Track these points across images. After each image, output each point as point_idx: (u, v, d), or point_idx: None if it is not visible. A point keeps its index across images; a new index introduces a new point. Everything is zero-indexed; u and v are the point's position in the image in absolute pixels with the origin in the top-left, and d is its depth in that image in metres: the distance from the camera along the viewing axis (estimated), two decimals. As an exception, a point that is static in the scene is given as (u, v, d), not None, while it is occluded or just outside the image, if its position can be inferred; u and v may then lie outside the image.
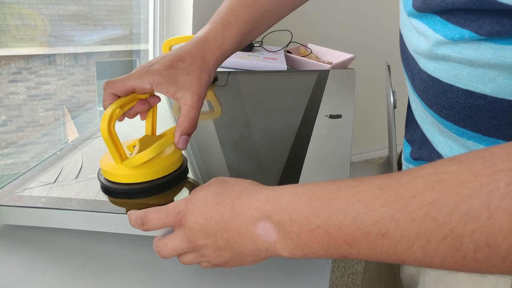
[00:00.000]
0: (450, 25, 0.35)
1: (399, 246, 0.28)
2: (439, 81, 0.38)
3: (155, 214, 0.38)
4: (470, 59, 0.34)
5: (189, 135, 0.46)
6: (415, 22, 0.39)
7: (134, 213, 0.40)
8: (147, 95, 0.49)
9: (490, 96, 0.35)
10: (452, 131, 0.40)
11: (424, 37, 0.38)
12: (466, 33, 0.33)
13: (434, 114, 0.41)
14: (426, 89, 0.40)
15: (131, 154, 0.47)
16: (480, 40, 0.33)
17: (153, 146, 0.44)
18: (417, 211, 0.26)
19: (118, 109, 0.43)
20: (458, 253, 0.26)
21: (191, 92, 0.45)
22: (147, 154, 0.44)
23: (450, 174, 0.26)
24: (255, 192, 0.35)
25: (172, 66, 0.45)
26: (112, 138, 0.43)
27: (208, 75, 0.47)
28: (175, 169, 0.48)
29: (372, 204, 0.28)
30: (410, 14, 0.40)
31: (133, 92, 0.46)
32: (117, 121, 0.44)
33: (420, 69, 0.40)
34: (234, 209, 0.34)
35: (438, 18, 0.36)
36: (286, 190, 0.33)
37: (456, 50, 0.35)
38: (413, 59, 0.41)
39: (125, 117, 0.49)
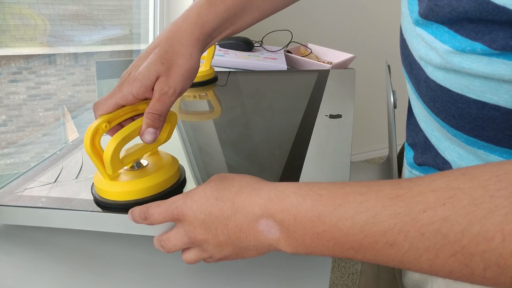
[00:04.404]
0: (459, 37, 0.33)
1: (407, 256, 0.28)
2: (449, 91, 0.36)
3: (156, 208, 0.38)
4: (482, 74, 0.33)
5: (156, 128, 0.42)
6: (420, 31, 0.37)
7: (137, 208, 0.39)
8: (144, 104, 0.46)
9: (504, 108, 0.33)
10: (462, 140, 0.39)
11: (432, 48, 0.36)
12: (478, 46, 0.32)
13: (441, 123, 0.40)
14: (434, 97, 0.39)
15: (126, 168, 0.46)
16: (492, 55, 0.31)
17: (114, 136, 0.41)
18: (427, 225, 0.26)
19: (105, 124, 0.41)
20: (466, 269, 0.26)
21: (160, 82, 0.42)
22: (108, 146, 0.41)
23: (463, 191, 0.26)
24: (257, 188, 0.34)
25: (147, 66, 0.42)
26: (97, 153, 0.41)
27: (186, 59, 0.43)
28: (167, 187, 0.45)
29: (381, 214, 0.28)
30: (415, 23, 0.38)
31: (122, 107, 0.43)
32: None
33: (427, 77, 0.38)
34: (234, 205, 0.34)
35: (445, 29, 0.34)
36: (290, 190, 0.33)
37: (466, 64, 0.33)
38: (419, 66, 0.39)
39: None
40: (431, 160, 0.45)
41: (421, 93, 0.41)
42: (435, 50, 0.35)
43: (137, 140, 0.46)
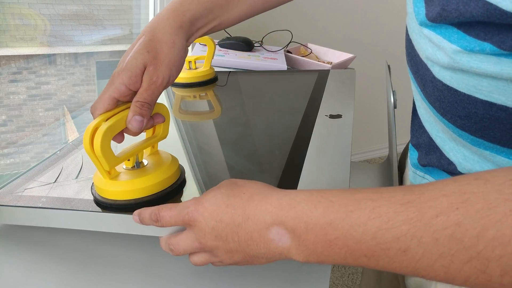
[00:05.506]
0: (468, 37, 0.33)
1: (420, 263, 0.27)
2: (456, 91, 0.36)
3: (167, 211, 0.38)
4: (490, 73, 0.32)
5: (143, 116, 0.42)
6: (428, 32, 0.37)
7: (147, 210, 0.39)
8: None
9: None
10: (467, 140, 0.39)
11: (439, 48, 0.36)
12: (487, 46, 0.31)
13: (447, 123, 0.40)
14: (440, 97, 0.39)
15: (125, 167, 0.46)
16: (501, 55, 0.31)
17: (100, 128, 0.41)
18: (441, 231, 0.26)
19: (103, 122, 0.41)
20: (483, 275, 0.26)
21: (148, 72, 0.43)
22: (96, 138, 0.40)
23: (477, 195, 0.26)
24: (267, 196, 0.34)
25: (133, 55, 0.43)
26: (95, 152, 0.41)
27: (169, 47, 0.45)
28: (167, 186, 0.45)
29: (394, 220, 0.28)
30: (422, 24, 0.38)
31: (117, 102, 0.43)
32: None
33: (434, 77, 0.38)
34: (245, 213, 0.34)
35: (454, 29, 0.34)
36: (301, 197, 0.32)
37: (474, 63, 0.33)
38: (426, 66, 0.39)
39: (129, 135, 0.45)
40: (436, 161, 0.45)
41: (427, 94, 0.41)
42: (442, 50, 0.35)
43: (136, 139, 0.46)
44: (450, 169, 0.43)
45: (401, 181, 0.61)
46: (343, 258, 0.30)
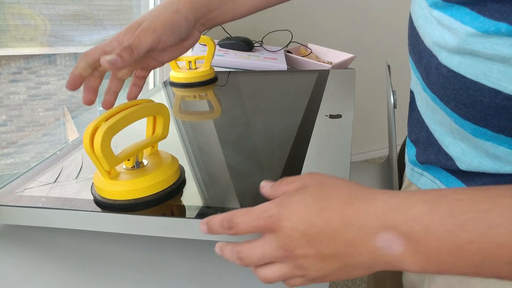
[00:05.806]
0: (482, 18, 0.31)
1: None
2: (462, 77, 0.35)
3: (242, 217, 0.33)
4: (503, 56, 0.31)
5: (119, 56, 0.42)
6: (438, 13, 0.35)
7: (217, 217, 0.35)
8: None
9: None
10: (469, 131, 0.38)
11: (450, 30, 0.34)
12: (503, 26, 0.30)
13: (450, 112, 0.39)
14: (445, 84, 0.37)
15: (125, 167, 0.46)
16: None
17: (100, 128, 0.41)
18: None
19: (103, 122, 0.41)
20: None
21: (142, 25, 0.45)
22: (96, 138, 0.40)
23: None
24: (370, 198, 0.30)
25: (136, 19, 0.47)
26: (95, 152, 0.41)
27: (171, 12, 0.47)
28: (167, 186, 0.45)
29: None
30: (432, 5, 0.36)
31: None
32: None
33: (439, 63, 0.37)
34: (344, 217, 0.30)
35: (467, 10, 0.32)
36: (416, 197, 0.29)
37: (488, 45, 0.31)
38: (431, 52, 0.38)
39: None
40: (434, 157, 0.44)
41: (430, 82, 0.40)
42: (454, 32, 0.34)
43: (136, 139, 0.46)
44: (448, 165, 0.43)
45: (401, 181, 0.61)
46: (476, 266, 0.26)
